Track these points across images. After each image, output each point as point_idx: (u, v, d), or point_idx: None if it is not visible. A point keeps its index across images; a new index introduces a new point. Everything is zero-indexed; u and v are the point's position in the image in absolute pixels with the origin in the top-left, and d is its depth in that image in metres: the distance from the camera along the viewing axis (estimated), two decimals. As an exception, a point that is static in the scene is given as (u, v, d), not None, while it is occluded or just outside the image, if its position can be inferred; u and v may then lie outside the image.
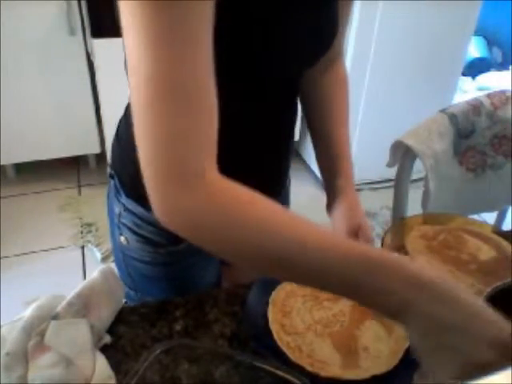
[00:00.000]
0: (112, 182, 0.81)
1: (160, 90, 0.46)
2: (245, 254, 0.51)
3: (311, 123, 0.87)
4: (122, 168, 0.78)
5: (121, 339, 0.69)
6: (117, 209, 0.80)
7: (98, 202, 2.31)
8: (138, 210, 0.76)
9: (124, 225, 0.79)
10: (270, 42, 0.60)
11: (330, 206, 0.84)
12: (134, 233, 0.78)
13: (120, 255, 0.85)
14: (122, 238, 0.81)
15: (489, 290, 0.61)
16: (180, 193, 0.48)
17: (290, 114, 0.78)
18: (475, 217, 1.23)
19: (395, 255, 0.51)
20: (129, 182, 0.76)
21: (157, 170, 0.48)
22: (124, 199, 0.77)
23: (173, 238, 0.78)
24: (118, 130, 0.80)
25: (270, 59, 0.62)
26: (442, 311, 0.45)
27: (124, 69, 0.53)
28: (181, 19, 0.44)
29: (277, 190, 0.86)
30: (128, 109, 0.75)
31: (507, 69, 3.45)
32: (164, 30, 0.44)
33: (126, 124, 0.75)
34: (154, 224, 0.76)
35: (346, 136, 0.85)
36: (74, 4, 2.09)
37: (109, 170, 0.83)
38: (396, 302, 0.47)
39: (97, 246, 2.10)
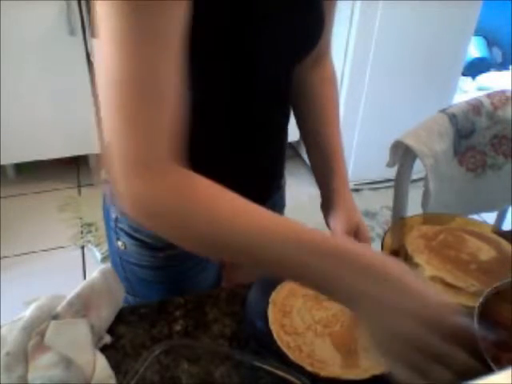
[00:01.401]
0: (107, 186, 0.80)
1: (124, 85, 0.49)
2: (199, 241, 0.52)
3: (301, 123, 0.87)
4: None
5: (121, 339, 0.69)
6: (113, 214, 0.80)
7: (98, 202, 2.30)
8: None
9: (121, 229, 0.79)
10: (257, 40, 0.60)
11: (325, 207, 0.84)
12: (132, 237, 0.78)
13: (117, 260, 0.84)
14: (120, 243, 0.81)
15: (489, 290, 0.61)
16: (139, 181, 0.50)
17: (279, 114, 0.78)
18: (475, 217, 1.23)
19: (344, 241, 0.53)
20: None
21: (119, 159, 0.51)
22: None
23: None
24: None
25: (256, 57, 0.62)
26: (379, 291, 0.46)
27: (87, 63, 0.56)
28: (150, 20, 0.47)
29: (269, 190, 0.86)
30: None
31: (507, 69, 3.45)
32: (132, 29, 0.46)
33: None
34: None
35: (337, 135, 0.84)
36: (74, 4, 2.09)
37: (104, 174, 0.83)
38: (344, 287, 0.48)
39: (97, 246, 2.10)
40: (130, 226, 0.77)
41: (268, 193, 0.85)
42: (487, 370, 0.44)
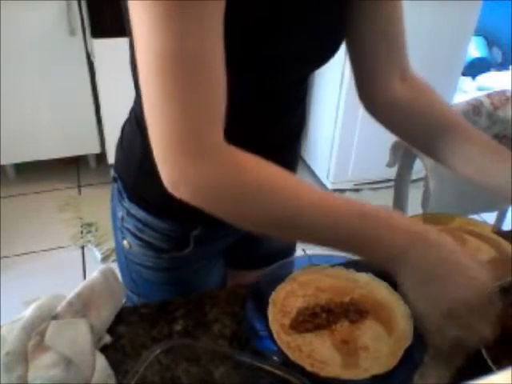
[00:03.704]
0: (115, 185, 0.80)
1: (169, 64, 0.47)
2: (255, 217, 0.54)
3: (420, 136, 0.79)
4: (125, 172, 0.77)
5: (121, 339, 0.69)
6: (120, 213, 0.79)
7: (98, 202, 2.31)
8: (141, 214, 0.75)
9: (127, 229, 0.79)
10: (281, 42, 0.59)
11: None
12: (137, 237, 0.78)
13: (123, 259, 0.84)
14: (125, 242, 0.80)
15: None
16: (197, 165, 0.50)
17: (297, 115, 0.77)
18: (475, 217, 1.23)
19: (389, 211, 0.55)
20: (132, 186, 0.76)
21: (171, 145, 0.50)
22: (127, 203, 0.77)
23: (176, 244, 0.78)
24: (122, 134, 0.79)
25: (277, 60, 0.62)
26: (429, 262, 0.52)
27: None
28: (196, 6, 0.46)
29: None
30: (132, 112, 0.75)
31: (507, 69, 3.45)
32: (174, 6, 0.46)
33: (130, 127, 0.75)
34: (156, 229, 0.76)
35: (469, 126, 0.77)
36: (74, 4, 2.09)
37: (112, 173, 0.82)
38: (387, 251, 0.53)
39: (97, 246, 2.10)
40: (135, 226, 0.77)
41: None
42: (484, 369, 0.44)
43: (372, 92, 0.77)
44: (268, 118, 0.71)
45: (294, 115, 0.76)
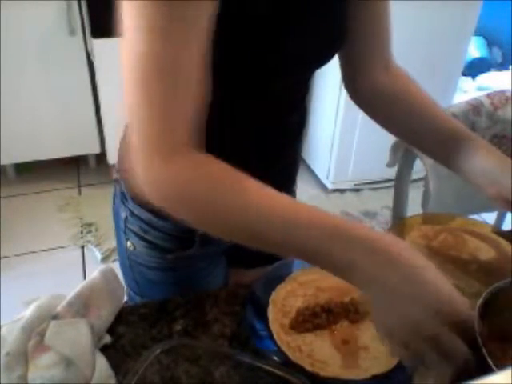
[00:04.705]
0: (117, 186, 0.80)
1: (150, 68, 0.49)
2: (226, 226, 0.53)
3: (398, 120, 0.81)
4: (128, 173, 0.77)
5: (121, 339, 0.69)
6: (123, 214, 0.79)
7: (98, 202, 2.31)
8: (145, 215, 0.75)
9: (130, 230, 0.79)
10: (284, 41, 0.60)
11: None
12: (141, 238, 0.78)
13: (126, 261, 0.84)
14: (129, 244, 0.80)
15: (489, 290, 0.61)
16: (164, 163, 0.51)
17: (298, 115, 0.77)
18: (475, 217, 1.22)
19: (349, 221, 0.52)
20: (135, 187, 0.76)
21: (143, 142, 0.51)
22: (130, 204, 0.77)
23: (181, 244, 0.78)
24: (124, 134, 0.79)
25: (282, 59, 0.62)
26: (387, 275, 0.47)
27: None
28: (179, 7, 0.47)
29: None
30: None
31: (507, 69, 3.44)
32: (162, 14, 0.47)
33: None
34: (161, 229, 0.76)
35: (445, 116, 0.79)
36: (74, 4, 2.09)
37: (114, 174, 0.82)
38: (360, 271, 0.48)
39: (97, 246, 2.10)
40: (139, 227, 0.77)
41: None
42: (483, 369, 0.44)
43: (357, 81, 0.80)
44: (269, 118, 0.71)
45: (295, 115, 0.76)
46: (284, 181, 0.84)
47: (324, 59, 0.70)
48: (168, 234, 0.76)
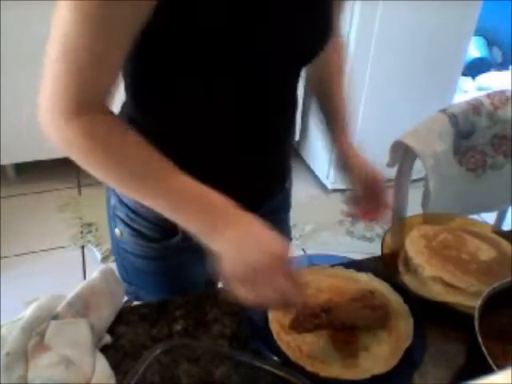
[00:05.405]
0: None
1: (64, 50, 0.63)
2: (104, 175, 0.68)
3: (311, 85, 0.93)
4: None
5: (121, 339, 0.69)
6: (113, 201, 0.81)
7: (98, 202, 2.29)
8: (132, 203, 0.76)
9: (118, 217, 0.80)
10: (268, 41, 0.60)
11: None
12: (128, 226, 0.79)
13: (115, 247, 0.86)
14: (117, 231, 0.82)
15: (489, 290, 0.61)
16: (63, 120, 0.65)
17: (285, 116, 0.77)
18: (475, 217, 1.23)
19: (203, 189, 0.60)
20: None
21: (47, 101, 0.65)
22: (119, 192, 0.78)
23: (166, 233, 0.78)
24: None
25: (267, 58, 0.62)
26: (230, 232, 0.58)
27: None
28: (105, 10, 0.56)
29: (272, 191, 0.86)
30: (124, 107, 0.76)
31: (507, 69, 3.45)
32: (88, 12, 0.57)
33: (121, 120, 0.75)
34: (147, 218, 0.76)
35: (341, 95, 0.94)
36: (74, 4, 2.09)
37: None
38: (200, 225, 0.60)
39: (97, 246, 2.10)
40: (126, 215, 0.78)
41: (270, 193, 0.85)
42: (483, 369, 0.44)
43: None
44: (252, 118, 0.71)
45: (282, 119, 0.77)
46: (275, 174, 0.84)
47: (309, 57, 0.71)
48: (153, 223, 0.77)
